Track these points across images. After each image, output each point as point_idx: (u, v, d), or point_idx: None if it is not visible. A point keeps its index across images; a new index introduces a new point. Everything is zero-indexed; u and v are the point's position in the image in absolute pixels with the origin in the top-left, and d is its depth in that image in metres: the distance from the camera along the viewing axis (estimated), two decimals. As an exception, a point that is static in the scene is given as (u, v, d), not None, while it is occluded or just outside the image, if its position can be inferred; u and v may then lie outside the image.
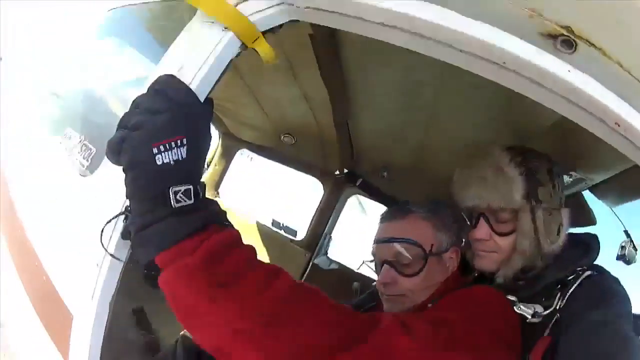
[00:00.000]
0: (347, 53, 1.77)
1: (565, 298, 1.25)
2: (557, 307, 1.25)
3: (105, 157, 0.88)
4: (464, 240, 1.55)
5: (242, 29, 0.99)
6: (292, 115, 2.78)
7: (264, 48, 1.04)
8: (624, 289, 1.25)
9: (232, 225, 0.89)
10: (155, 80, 0.86)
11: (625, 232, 1.73)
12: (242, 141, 3.61)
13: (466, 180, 1.48)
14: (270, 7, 1.01)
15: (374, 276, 1.64)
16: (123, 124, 0.81)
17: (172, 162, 0.75)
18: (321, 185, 3.42)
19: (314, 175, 3.46)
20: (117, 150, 0.79)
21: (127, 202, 0.86)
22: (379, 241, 1.53)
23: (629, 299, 1.22)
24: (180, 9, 1.21)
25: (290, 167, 3.49)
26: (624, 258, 1.42)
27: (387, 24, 0.91)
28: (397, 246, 1.45)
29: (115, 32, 1.98)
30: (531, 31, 0.81)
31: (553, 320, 1.24)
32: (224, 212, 0.89)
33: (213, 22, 0.97)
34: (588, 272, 1.29)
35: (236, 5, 1.00)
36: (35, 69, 2.53)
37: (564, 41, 0.80)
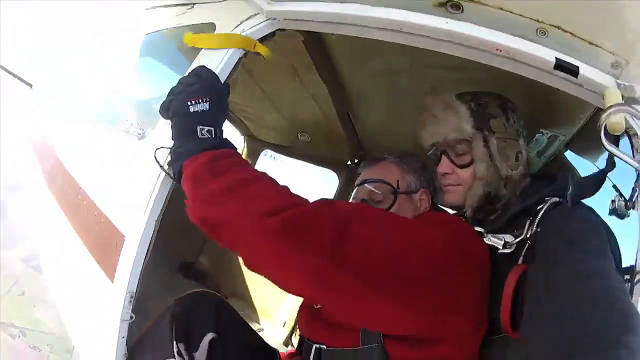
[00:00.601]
0: (335, 52, 2.26)
1: (535, 225, 1.30)
2: (527, 235, 1.31)
3: (150, 129, 1.41)
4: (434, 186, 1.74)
5: (243, 44, 1.55)
6: (303, 114, 3.24)
7: (261, 50, 1.60)
8: (597, 216, 1.26)
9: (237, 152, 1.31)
10: (192, 69, 1.40)
11: (614, 186, 1.88)
12: (265, 142, 4.05)
13: (423, 121, 1.64)
14: (260, 22, 1.58)
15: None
16: (170, 92, 1.32)
17: (199, 111, 1.23)
18: (336, 177, 3.83)
19: (329, 167, 3.88)
20: (166, 108, 1.29)
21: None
22: (356, 184, 1.80)
23: (599, 225, 1.23)
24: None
25: (308, 162, 4.01)
26: (616, 212, 1.37)
27: (335, 21, 1.42)
28: (369, 186, 1.69)
29: (151, 53, 2.55)
30: (428, 5, 1.26)
31: (525, 248, 1.30)
32: (235, 147, 1.31)
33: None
34: (555, 199, 1.33)
35: (237, 26, 1.58)
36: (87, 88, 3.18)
37: (452, 5, 1.25)
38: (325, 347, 1.38)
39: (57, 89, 3.83)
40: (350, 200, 1.86)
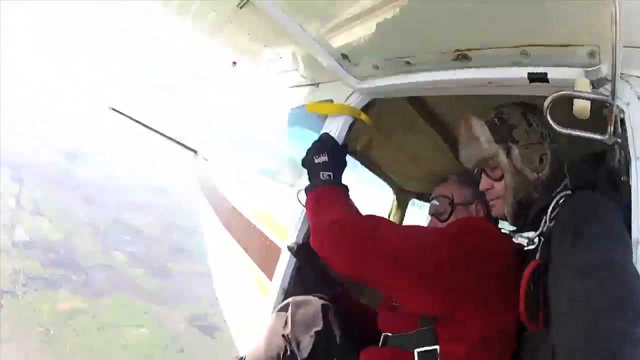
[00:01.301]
0: (434, 105, 2.83)
1: (548, 220, 1.42)
2: (543, 231, 1.44)
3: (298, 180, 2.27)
4: None
5: (350, 112, 2.31)
6: (435, 163, 3.76)
7: (364, 118, 2.34)
8: (600, 198, 1.30)
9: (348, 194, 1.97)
10: (320, 135, 2.17)
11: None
12: (410, 192, 4.65)
13: (459, 151, 1.88)
14: (358, 97, 2.32)
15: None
16: (307, 151, 2.06)
17: (321, 162, 1.92)
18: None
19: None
20: (303, 161, 2.04)
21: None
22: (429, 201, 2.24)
23: (599, 208, 1.27)
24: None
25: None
26: None
27: (407, 88, 2.04)
28: (434, 201, 2.15)
29: (297, 122, 3.44)
30: (446, 60, 1.69)
31: (541, 244, 1.43)
32: (345, 187, 1.97)
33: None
34: (565, 193, 1.44)
35: (346, 100, 2.35)
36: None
37: (463, 57, 1.63)
38: (391, 334, 1.71)
39: (224, 154, 5.35)
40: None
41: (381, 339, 1.75)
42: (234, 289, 3.39)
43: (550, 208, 1.43)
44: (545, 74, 1.35)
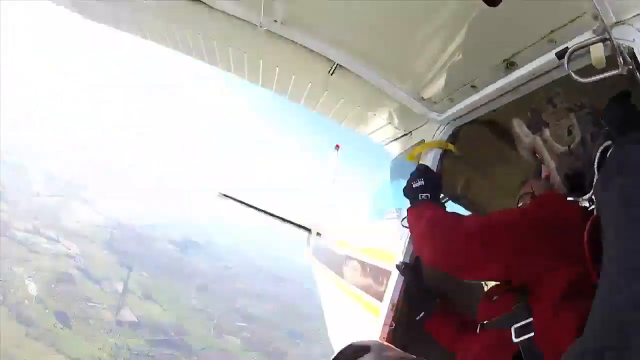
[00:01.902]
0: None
1: (594, 177, 1.46)
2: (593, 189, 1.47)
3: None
4: None
5: (437, 145, 2.77)
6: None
7: (450, 147, 2.76)
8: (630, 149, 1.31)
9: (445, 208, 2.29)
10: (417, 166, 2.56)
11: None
12: None
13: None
14: (444, 129, 2.78)
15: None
16: (406, 182, 2.43)
17: (418, 186, 2.28)
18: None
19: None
20: (403, 191, 2.40)
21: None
22: None
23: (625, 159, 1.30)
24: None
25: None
26: None
27: (476, 106, 2.44)
28: (520, 200, 2.35)
29: (399, 168, 3.85)
30: (501, 68, 2.07)
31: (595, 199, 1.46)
32: (442, 204, 2.38)
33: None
34: (606, 144, 1.47)
35: (433, 136, 2.82)
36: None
37: (511, 63, 2.04)
38: (487, 321, 1.86)
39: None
40: None
41: (478, 328, 1.92)
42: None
43: (596, 163, 1.48)
44: (567, 47, 1.62)
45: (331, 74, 3.02)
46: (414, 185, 2.32)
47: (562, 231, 1.62)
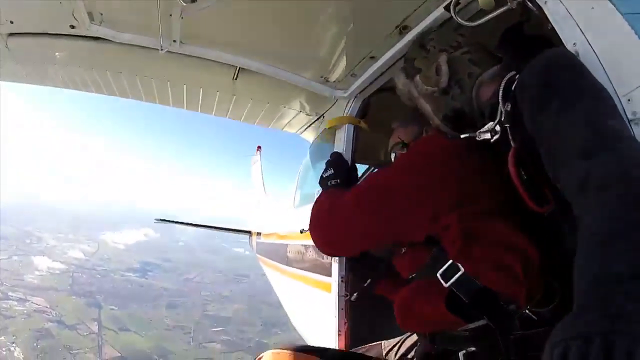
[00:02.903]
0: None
1: (502, 105, 1.34)
2: (502, 118, 1.35)
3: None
4: None
5: (350, 121, 2.69)
6: None
7: (361, 124, 2.71)
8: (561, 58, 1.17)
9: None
10: (331, 154, 2.44)
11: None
12: None
13: None
14: (352, 104, 2.73)
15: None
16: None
17: (327, 175, 2.19)
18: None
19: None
20: (319, 184, 2.26)
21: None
22: None
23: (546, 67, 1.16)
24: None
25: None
26: None
27: (380, 77, 2.43)
28: (391, 152, 2.31)
29: (319, 154, 3.83)
30: None
31: (509, 130, 1.32)
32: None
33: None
34: (510, 74, 1.36)
35: (343, 113, 2.73)
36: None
37: None
38: (410, 275, 1.72)
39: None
40: None
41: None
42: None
43: (501, 92, 1.35)
44: None
45: (235, 79, 2.93)
46: (324, 176, 2.24)
47: (446, 169, 1.48)
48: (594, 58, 1.14)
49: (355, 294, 2.51)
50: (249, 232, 8.43)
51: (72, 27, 2.28)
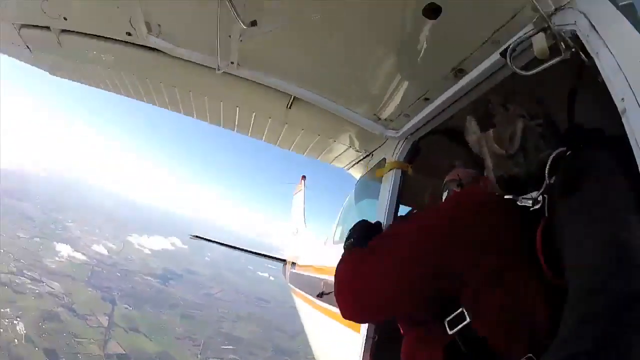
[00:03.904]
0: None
1: (548, 177, 1.43)
2: (544, 189, 1.44)
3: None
4: None
5: (399, 166, 2.68)
6: None
7: (409, 170, 2.68)
8: (602, 158, 1.27)
9: None
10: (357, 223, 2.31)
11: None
12: None
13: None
14: (402, 145, 2.72)
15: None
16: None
17: (349, 242, 2.06)
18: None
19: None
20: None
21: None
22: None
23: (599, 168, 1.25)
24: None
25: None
26: None
27: (430, 118, 2.43)
28: (445, 187, 2.35)
29: (364, 191, 3.89)
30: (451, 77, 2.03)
31: (546, 202, 1.43)
32: None
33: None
34: (560, 150, 1.44)
35: (393, 154, 2.73)
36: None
37: (459, 70, 1.95)
38: None
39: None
40: None
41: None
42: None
43: (548, 167, 1.43)
44: (509, 45, 1.57)
45: (289, 108, 2.95)
46: (346, 244, 2.15)
47: (482, 225, 1.56)
48: (640, 116, 1.10)
49: (378, 335, 2.53)
50: (283, 261, 8.45)
51: (129, 34, 2.31)
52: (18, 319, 53.03)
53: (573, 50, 1.36)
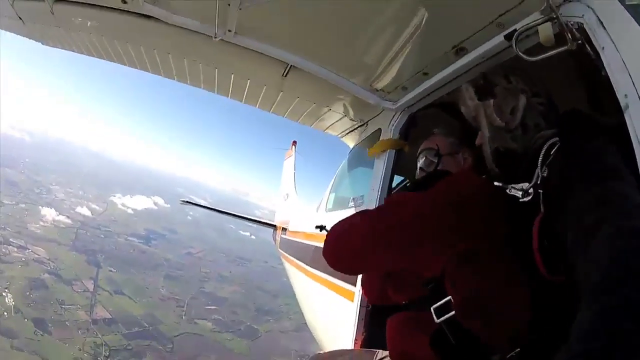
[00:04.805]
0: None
1: (540, 169, 1.37)
2: (538, 182, 1.37)
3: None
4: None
5: (395, 145, 2.72)
6: None
7: (405, 148, 2.72)
8: (592, 140, 1.23)
9: None
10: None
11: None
12: None
13: None
14: (399, 116, 2.75)
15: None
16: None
17: None
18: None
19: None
20: None
21: None
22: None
23: (593, 152, 1.19)
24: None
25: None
26: None
27: (432, 90, 2.45)
28: (421, 154, 2.13)
29: (358, 160, 3.89)
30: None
31: (541, 197, 1.34)
32: None
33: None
34: (551, 140, 1.38)
35: (389, 125, 2.75)
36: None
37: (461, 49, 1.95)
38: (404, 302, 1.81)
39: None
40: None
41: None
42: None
43: (541, 157, 1.39)
44: (515, 29, 1.60)
45: (285, 76, 2.95)
46: None
47: (468, 211, 1.53)
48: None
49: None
50: (273, 226, 8.47)
51: (124, 2, 2.26)
52: (6, 290, 52.83)
53: (579, 42, 1.37)
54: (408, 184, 3.98)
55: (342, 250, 1.72)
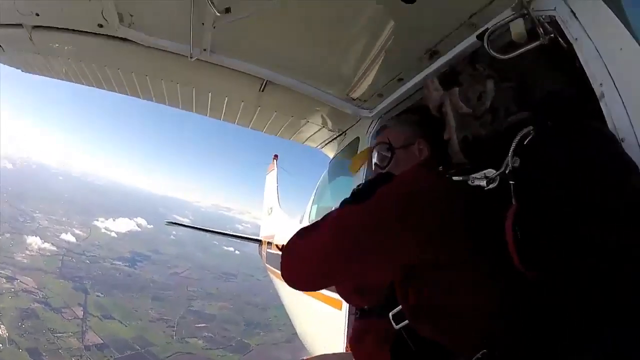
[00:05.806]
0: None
1: (511, 158, 1.21)
2: (506, 172, 1.21)
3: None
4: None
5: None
6: None
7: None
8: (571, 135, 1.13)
9: None
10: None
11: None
12: None
13: None
14: (376, 123, 2.72)
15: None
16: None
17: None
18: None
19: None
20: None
21: None
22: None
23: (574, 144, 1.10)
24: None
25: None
26: None
27: (406, 97, 2.45)
28: (373, 151, 1.92)
29: (337, 170, 3.90)
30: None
31: (512, 188, 1.18)
32: None
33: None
34: (526, 130, 1.22)
35: (367, 133, 2.74)
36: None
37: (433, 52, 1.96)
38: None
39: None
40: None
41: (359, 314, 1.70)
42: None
43: (513, 146, 1.22)
44: (487, 28, 1.55)
45: (262, 91, 2.92)
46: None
47: (415, 217, 1.28)
48: (618, 101, 1.14)
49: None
50: (259, 241, 8.32)
51: (100, 26, 2.26)
52: (0, 321, 51.28)
53: (552, 35, 1.36)
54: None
55: (291, 274, 1.53)
